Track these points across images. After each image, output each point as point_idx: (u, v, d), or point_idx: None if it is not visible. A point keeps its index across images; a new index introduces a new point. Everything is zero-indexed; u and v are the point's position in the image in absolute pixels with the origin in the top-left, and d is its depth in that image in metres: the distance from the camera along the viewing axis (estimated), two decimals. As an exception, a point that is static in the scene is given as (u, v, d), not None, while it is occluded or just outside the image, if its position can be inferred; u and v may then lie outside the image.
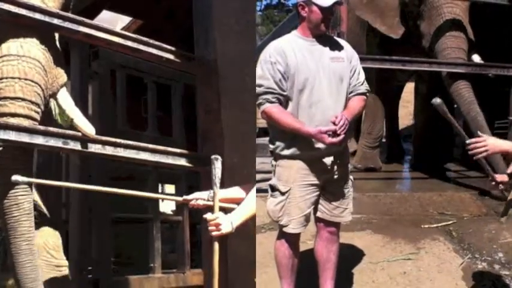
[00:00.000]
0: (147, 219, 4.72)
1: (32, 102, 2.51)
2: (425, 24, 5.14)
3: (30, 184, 2.55)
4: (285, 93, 2.69)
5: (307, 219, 2.82)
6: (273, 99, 2.68)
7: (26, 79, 2.47)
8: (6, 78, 2.41)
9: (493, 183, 2.54)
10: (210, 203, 2.42)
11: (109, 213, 4.29)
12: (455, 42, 4.91)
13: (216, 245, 2.23)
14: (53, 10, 2.68)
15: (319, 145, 2.67)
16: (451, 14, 4.91)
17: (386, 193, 5.12)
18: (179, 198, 2.55)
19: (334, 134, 2.58)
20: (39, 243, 2.90)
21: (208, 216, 2.22)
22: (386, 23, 5.47)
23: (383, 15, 5.48)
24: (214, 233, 2.20)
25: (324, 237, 2.90)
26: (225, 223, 2.21)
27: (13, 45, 2.46)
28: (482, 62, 5.02)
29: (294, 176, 2.74)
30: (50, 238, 3.04)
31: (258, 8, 24.31)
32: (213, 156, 2.25)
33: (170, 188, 5.95)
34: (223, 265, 2.76)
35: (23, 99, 2.46)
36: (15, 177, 2.24)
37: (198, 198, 2.45)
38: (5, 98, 2.41)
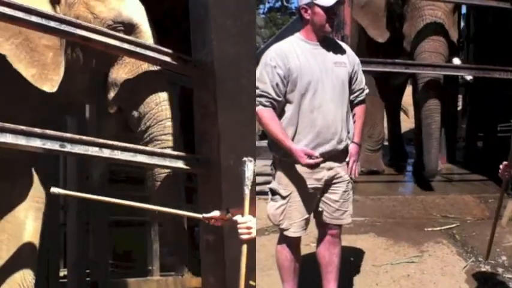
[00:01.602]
0: (145, 221, 4.69)
1: None
2: (407, 26, 5.09)
3: None
4: (279, 99, 2.68)
5: (307, 222, 2.81)
6: (267, 103, 2.67)
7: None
8: (167, 119, 3.05)
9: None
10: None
11: (107, 215, 4.27)
12: (433, 46, 4.86)
13: (245, 248, 2.13)
14: (50, 13, 2.66)
15: (319, 149, 2.66)
16: (432, 17, 4.86)
17: (390, 196, 5.08)
18: (198, 216, 2.45)
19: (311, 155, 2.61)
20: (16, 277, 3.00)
21: (239, 218, 2.14)
22: (376, 27, 5.44)
23: (374, 19, 5.44)
24: (245, 237, 2.12)
25: (325, 240, 2.89)
26: (255, 226, 2.14)
27: (163, 94, 3.07)
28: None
29: (294, 179, 2.72)
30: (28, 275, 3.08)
31: (261, 11, 24.40)
32: (245, 158, 2.20)
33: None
34: (221, 268, 2.72)
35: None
36: (54, 189, 2.32)
37: (218, 218, 2.33)
38: (166, 134, 3.04)
